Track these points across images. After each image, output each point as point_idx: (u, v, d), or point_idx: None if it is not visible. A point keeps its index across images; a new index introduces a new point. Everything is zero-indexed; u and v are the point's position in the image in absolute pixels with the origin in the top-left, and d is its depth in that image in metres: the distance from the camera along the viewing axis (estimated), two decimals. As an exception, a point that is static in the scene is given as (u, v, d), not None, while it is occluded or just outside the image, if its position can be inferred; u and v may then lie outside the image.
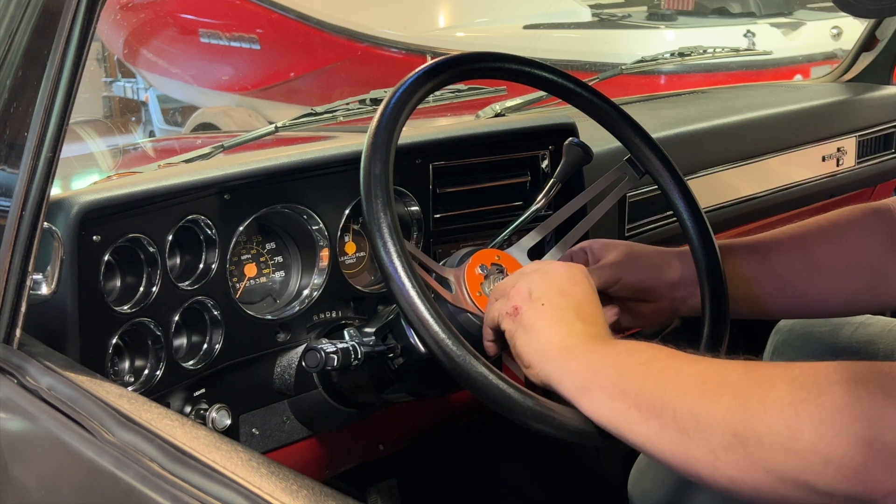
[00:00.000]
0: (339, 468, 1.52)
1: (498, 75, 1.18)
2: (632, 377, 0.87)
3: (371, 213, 0.96)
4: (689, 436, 0.80)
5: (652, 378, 0.85)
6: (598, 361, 0.90)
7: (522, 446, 1.96)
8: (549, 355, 0.93)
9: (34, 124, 0.95)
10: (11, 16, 1.03)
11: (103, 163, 2.67)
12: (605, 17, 4.86)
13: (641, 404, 0.84)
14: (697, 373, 0.84)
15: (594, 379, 0.89)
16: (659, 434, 0.83)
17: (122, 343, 1.16)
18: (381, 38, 4.86)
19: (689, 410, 0.81)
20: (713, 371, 0.84)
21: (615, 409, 0.86)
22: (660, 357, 0.88)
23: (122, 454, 0.83)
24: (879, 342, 1.41)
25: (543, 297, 0.96)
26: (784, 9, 4.84)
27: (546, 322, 0.95)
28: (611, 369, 0.88)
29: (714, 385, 0.82)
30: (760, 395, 0.78)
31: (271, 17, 5.16)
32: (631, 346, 0.91)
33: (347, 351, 1.18)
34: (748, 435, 0.77)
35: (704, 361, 0.86)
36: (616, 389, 0.87)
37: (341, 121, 1.79)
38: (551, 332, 0.94)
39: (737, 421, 0.78)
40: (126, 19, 5.76)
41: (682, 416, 0.81)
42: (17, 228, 0.96)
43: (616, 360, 0.89)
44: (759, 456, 0.77)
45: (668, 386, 0.83)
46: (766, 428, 0.76)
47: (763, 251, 1.21)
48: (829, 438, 0.74)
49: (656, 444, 0.83)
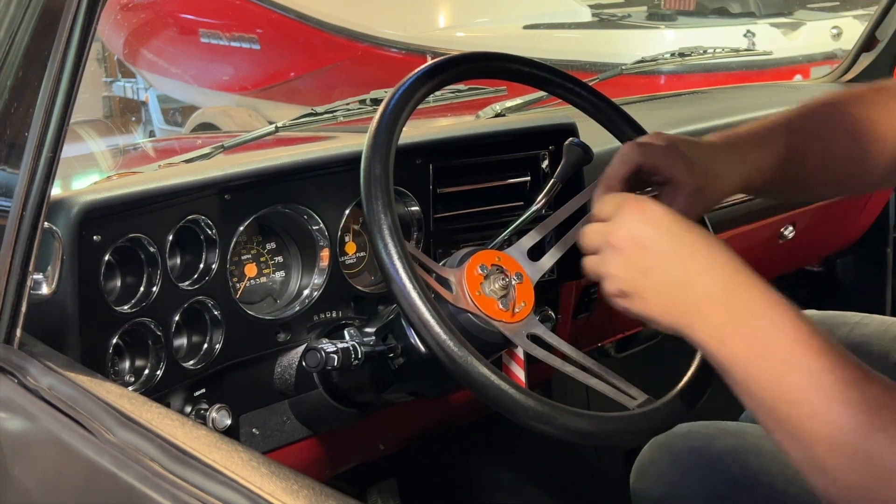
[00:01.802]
0: (339, 468, 1.52)
1: (498, 75, 1.18)
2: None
3: (371, 214, 0.96)
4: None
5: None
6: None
7: (522, 446, 1.96)
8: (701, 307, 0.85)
9: (34, 124, 0.95)
10: (12, 16, 1.03)
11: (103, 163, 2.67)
12: (605, 17, 4.85)
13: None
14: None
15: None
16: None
17: (122, 343, 1.17)
18: (381, 38, 4.86)
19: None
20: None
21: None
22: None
23: (122, 454, 0.83)
24: (875, 343, 1.42)
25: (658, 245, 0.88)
26: (784, 9, 4.84)
27: (684, 274, 0.87)
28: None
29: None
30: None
31: (271, 17, 5.16)
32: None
33: (348, 351, 1.18)
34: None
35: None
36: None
37: (341, 121, 1.79)
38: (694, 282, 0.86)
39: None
40: (126, 19, 5.76)
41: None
42: (18, 228, 0.96)
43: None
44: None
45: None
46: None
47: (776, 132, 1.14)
48: None
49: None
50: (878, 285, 2.45)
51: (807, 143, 1.13)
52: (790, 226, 2.08)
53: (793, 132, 1.13)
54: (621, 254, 0.89)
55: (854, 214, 2.32)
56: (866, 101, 1.15)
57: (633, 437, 0.99)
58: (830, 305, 1.65)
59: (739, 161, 1.09)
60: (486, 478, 1.99)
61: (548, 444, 1.90)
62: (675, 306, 0.87)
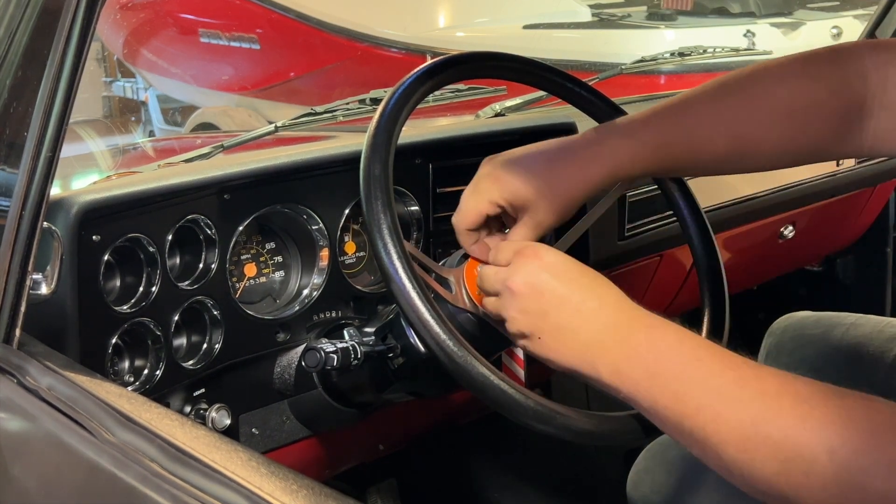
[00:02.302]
0: (339, 468, 1.52)
1: (498, 75, 1.18)
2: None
3: (371, 214, 0.96)
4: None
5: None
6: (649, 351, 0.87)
7: (522, 446, 1.96)
8: (599, 348, 0.89)
9: (34, 124, 0.95)
10: (11, 15, 1.03)
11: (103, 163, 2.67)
12: (604, 17, 4.84)
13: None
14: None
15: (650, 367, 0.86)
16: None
17: (121, 343, 1.16)
18: (381, 38, 4.86)
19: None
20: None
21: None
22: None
23: (122, 454, 0.83)
24: (869, 344, 1.42)
25: (553, 290, 0.92)
26: (784, 9, 4.83)
27: (577, 316, 0.90)
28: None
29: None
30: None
31: (271, 17, 5.16)
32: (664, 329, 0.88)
33: (347, 351, 1.18)
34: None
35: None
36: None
37: (341, 121, 1.79)
38: (588, 326, 0.90)
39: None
40: (126, 19, 5.75)
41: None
42: (17, 228, 0.96)
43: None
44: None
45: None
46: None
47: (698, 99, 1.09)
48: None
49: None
50: (878, 285, 2.45)
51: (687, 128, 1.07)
52: (790, 225, 2.08)
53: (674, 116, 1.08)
54: (519, 298, 0.93)
55: (854, 214, 2.32)
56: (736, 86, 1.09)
57: (633, 437, 0.99)
58: (830, 305, 1.65)
59: (593, 157, 1.05)
60: (485, 478, 1.99)
61: (548, 444, 1.90)
62: (573, 347, 0.90)
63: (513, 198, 1.02)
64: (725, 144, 1.06)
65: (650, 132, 1.05)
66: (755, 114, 1.05)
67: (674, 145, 1.05)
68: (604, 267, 1.59)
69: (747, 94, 1.05)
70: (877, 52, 1.04)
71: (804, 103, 1.04)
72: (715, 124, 1.05)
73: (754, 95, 1.05)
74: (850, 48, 1.07)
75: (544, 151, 1.05)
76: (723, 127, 1.05)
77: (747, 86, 1.06)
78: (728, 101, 1.06)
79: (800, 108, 1.04)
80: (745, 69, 1.08)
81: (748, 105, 1.05)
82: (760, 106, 1.05)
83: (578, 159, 1.04)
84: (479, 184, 1.04)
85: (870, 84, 1.02)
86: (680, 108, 1.07)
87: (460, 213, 1.04)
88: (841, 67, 1.04)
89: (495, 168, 1.04)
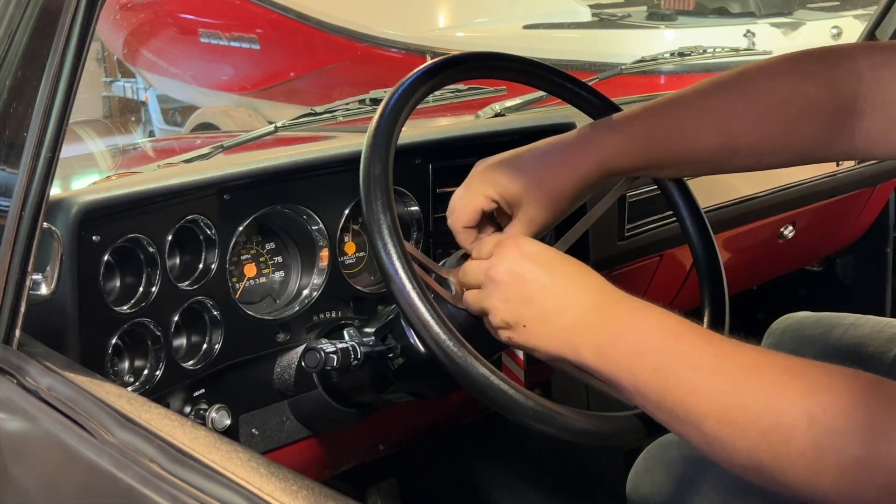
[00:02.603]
0: (339, 468, 1.52)
1: (497, 75, 1.18)
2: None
3: (371, 214, 0.96)
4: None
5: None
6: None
7: (522, 446, 1.96)
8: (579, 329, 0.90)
9: (34, 124, 0.95)
10: (11, 16, 1.03)
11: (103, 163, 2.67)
12: (604, 17, 4.84)
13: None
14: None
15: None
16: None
17: (121, 343, 1.16)
18: (381, 38, 4.86)
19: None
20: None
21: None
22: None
23: (121, 454, 0.83)
24: (869, 344, 1.42)
25: (534, 277, 0.93)
26: (784, 9, 4.83)
27: (560, 301, 0.91)
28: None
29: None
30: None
31: (271, 17, 5.16)
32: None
33: (347, 351, 1.18)
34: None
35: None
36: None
37: (341, 121, 1.79)
38: (569, 308, 0.91)
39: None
40: (126, 19, 5.75)
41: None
42: (17, 228, 0.96)
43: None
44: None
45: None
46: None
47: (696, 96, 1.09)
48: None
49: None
50: (878, 285, 2.45)
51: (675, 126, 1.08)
52: (790, 225, 2.08)
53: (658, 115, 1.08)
54: (502, 287, 0.94)
55: (854, 214, 2.32)
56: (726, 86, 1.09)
57: (632, 437, 0.99)
58: (830, 305, 1.65)
59: (584, 151, 1.06)
60: (485, 478, 1.99)
61: (548, 445, 1.90)
62: (556, 332, 0.91)
63: (504, 192, 1.03)
64: (714, 140, 1.06)
65: (638, 125, 1.06)
66: (744, 109, 1.05)
67: (661, 138, 1.05)
68: (604, 267, 1.59)
69: (738, 90, 1.06)
70: (871, 54, 1.04)
71: (794, 100, 1.04)
72: (703, 119, 1.06)
73: (744, 91, 1.05)
74: (843, 49, 1.07)
75: (535, 149, 1.07)
76: (711, 122, 1.05)
77: (738, 82, 1.06)
78: (718, 96, 1.06)
79: (789, 105, 1.04)
80: (737, 68, 1.08)
81: (737, 101, 1.05)
82: (749, 102, 1.05)
83: (567, 154, 1.05)
84: (471, 182, 1.05)
85: (863, 84, 1.02)
86: (670, 103, 1.07)
87: (454, 212, 1.05)
88: (832, 66, 1.04)
89: (487, 167, 1.06)
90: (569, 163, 1.04)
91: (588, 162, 1.04)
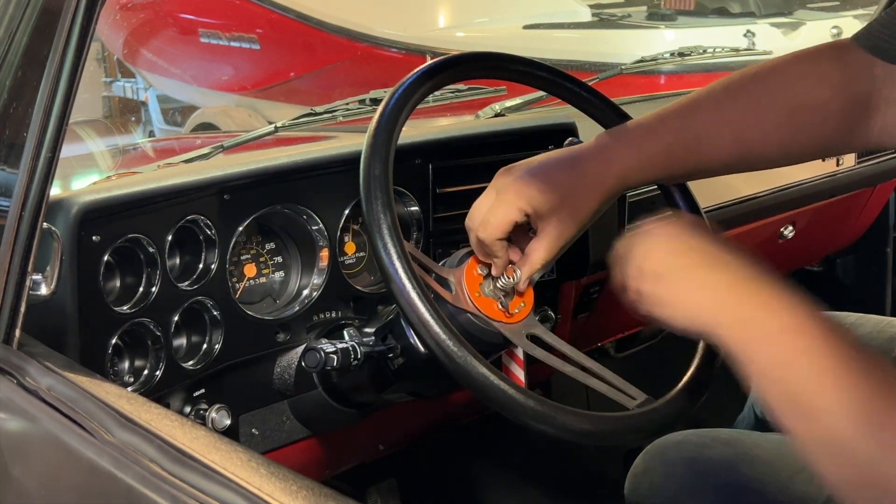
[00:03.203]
0: (339, 468, 1.52)
1: (497, 75, 1.18)
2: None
3: (371, 214, 0.96)
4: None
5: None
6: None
7: (522, 446, 1.96)
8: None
9: (34, 124, 0.95)
10: (11, 16, 1.03)
11: (103, 163, 2.67)
12: (604, 17, 4.84)
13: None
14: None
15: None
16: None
17: (121, 343, 1.16)
18: (381, 38, 4.86)
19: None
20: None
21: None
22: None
23: (121, 454, 0.83)
24: (870, 343, 1.42)
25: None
26: (784, 9, 4.83)
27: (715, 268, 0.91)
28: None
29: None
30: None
31: (271, 17, 5.16)
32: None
33: (347, 351, 1.18)
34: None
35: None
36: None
37: (341, 121, 1.79)
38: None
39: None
40: (126, 19, 5.75)
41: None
42: (17, 228, 0.96)
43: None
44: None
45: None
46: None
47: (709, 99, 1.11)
48: None
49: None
50: (878, 285, 2.45)
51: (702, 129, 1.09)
52: (790, 225, 2.08)
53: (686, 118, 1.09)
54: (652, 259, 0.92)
55: (854, 214, 2.32)
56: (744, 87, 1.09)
57: (632, 437, 0.99)
58: (830, 305, 1.64)
59: (602, 164, 1.06)
60: (485, 478, 1.99)
61: (547, 445, 1.90)
62: (699, 304, 0.88)
63: (537, 207, 1.02)
64: (731, 148, 1.06)
65: (656, 142, 1.05)
66: (760, 117, 1.05)
67: (679, 152, 1.06)
68: (604, 267, 1.59)
69: (752, 97, 1.05)
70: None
71: (809, 106, 1.04)
72: (720, 130, 1.06)
73: (759, 99, 1.05)
74: (854, 44, 1.06)
75: (560, 160, 1.06)
76: (728, 132, 1.05)
77: (751, 89, 1.06)
78: (732, 105, 1.06)
79: (804, 111, 1.04)
80: (748, 70, 1.07)
81: (753, 109, 1.05)
82: (765, 109, 1.05)
83: (592, 168, 1.05)
84: (504, 194, 1.03)
85: (876, 80, 1.02)
86: (685, 114, 1.07)
87: (489, 226, 1.03)
88: (846, 64, 1.04)
89: (516, 179, 1.04)
90: (594, 178, 1.04)
91: (610, 181, 1.04)
